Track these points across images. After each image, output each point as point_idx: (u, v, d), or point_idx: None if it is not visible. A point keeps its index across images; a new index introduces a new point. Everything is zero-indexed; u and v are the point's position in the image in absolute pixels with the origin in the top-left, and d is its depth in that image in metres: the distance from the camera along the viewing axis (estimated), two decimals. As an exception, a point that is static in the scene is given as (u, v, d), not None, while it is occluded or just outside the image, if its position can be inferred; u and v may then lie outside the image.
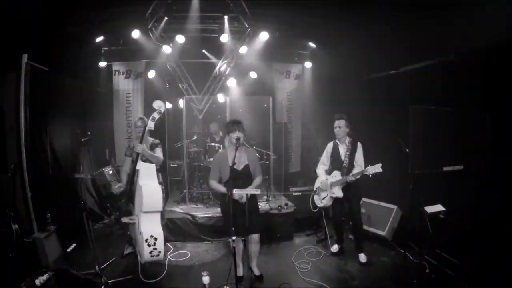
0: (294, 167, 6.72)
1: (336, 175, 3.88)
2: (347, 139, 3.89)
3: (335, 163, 3.95)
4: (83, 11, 4.70)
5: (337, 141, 3.96)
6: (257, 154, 3.51)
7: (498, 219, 3.43)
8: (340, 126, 3.86)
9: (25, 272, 3.39)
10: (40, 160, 4.27)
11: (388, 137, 3.66)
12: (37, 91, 4.12)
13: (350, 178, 3.69)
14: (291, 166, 6.65)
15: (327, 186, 3.96)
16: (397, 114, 4.02)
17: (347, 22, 4.89)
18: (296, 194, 5.26)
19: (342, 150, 3.90)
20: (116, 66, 5.90)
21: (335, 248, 4.18)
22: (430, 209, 3.52)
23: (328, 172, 4.02)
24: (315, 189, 4.17)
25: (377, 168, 3.42)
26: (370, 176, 3.49)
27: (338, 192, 3.86)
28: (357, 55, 5.40)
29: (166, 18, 5.05)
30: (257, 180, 3.39)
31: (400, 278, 3.43)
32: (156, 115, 3.45)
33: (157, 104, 3.51)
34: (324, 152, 4.11)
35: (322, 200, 4.04)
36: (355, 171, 3.75)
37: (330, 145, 4.05)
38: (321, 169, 4.12)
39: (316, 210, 4.21)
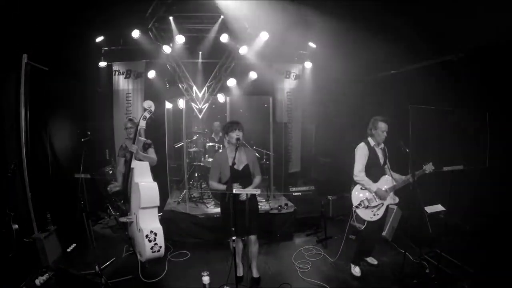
0: (294, 167, 6.72)
1: (388, 180, 3.56)
2: (382, 143, 3.63)
3: (372, 169, 3.53)
4: (83, 11, 4.70)
5: (374, 145, 3.55)
6: (256, 154, 3.51)
7: (498, 219, 3.43)
8: (387, 131, 3.49)
9: (25, 272, 3.40)
10: (40, 160, 4.27)
11: (388, 137, 3.65)
12: (37, 91, 4.12)
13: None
14: (291, 166, 6.65)
15: (384, 194, 3.51)
16: (397, 114, 4.01)
17: (347, 22, 4.89)
18: (296, 194, 5.26)
19: (380, 154, 3.58)
20: (116, 66, 5.89)
21: (357, 271, 3.66)
22: (430, 209, 3.51)
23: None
24: (358, 202, 3.55)
25: (431, 167, 3.34)
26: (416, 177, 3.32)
27: (396, 198, 3.61)
28: (357, 55, 5.40)
29: (171, 18, 5.05)
30: (257, 180, 3.40)
31: (400, 278, 3.43)
32: (147, 114, 3.64)
33: (147, 104, 3.73)
34: (361, 157, 3.52)
35: (377, 212, 3.52)
36: (395, 174, 3.56)
37: (364, 150, 3.52)
38: (365, 177, 3.51)
39: (363, 228, 3.60)
